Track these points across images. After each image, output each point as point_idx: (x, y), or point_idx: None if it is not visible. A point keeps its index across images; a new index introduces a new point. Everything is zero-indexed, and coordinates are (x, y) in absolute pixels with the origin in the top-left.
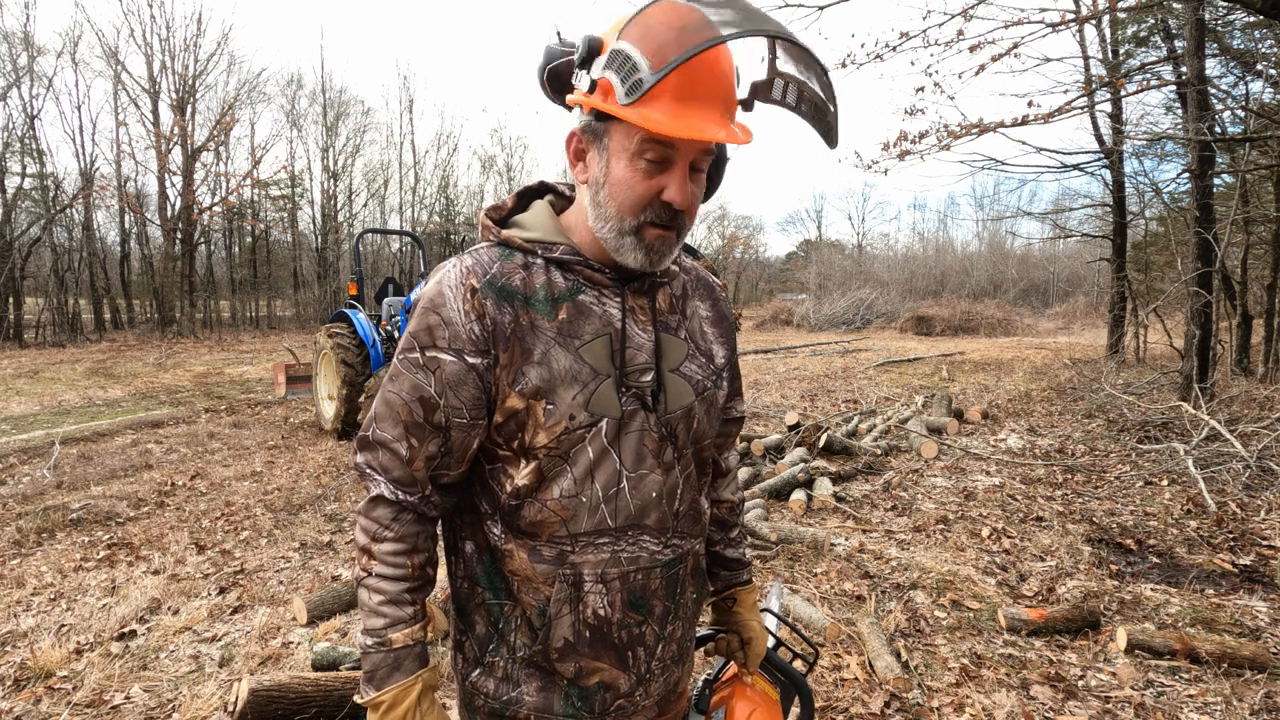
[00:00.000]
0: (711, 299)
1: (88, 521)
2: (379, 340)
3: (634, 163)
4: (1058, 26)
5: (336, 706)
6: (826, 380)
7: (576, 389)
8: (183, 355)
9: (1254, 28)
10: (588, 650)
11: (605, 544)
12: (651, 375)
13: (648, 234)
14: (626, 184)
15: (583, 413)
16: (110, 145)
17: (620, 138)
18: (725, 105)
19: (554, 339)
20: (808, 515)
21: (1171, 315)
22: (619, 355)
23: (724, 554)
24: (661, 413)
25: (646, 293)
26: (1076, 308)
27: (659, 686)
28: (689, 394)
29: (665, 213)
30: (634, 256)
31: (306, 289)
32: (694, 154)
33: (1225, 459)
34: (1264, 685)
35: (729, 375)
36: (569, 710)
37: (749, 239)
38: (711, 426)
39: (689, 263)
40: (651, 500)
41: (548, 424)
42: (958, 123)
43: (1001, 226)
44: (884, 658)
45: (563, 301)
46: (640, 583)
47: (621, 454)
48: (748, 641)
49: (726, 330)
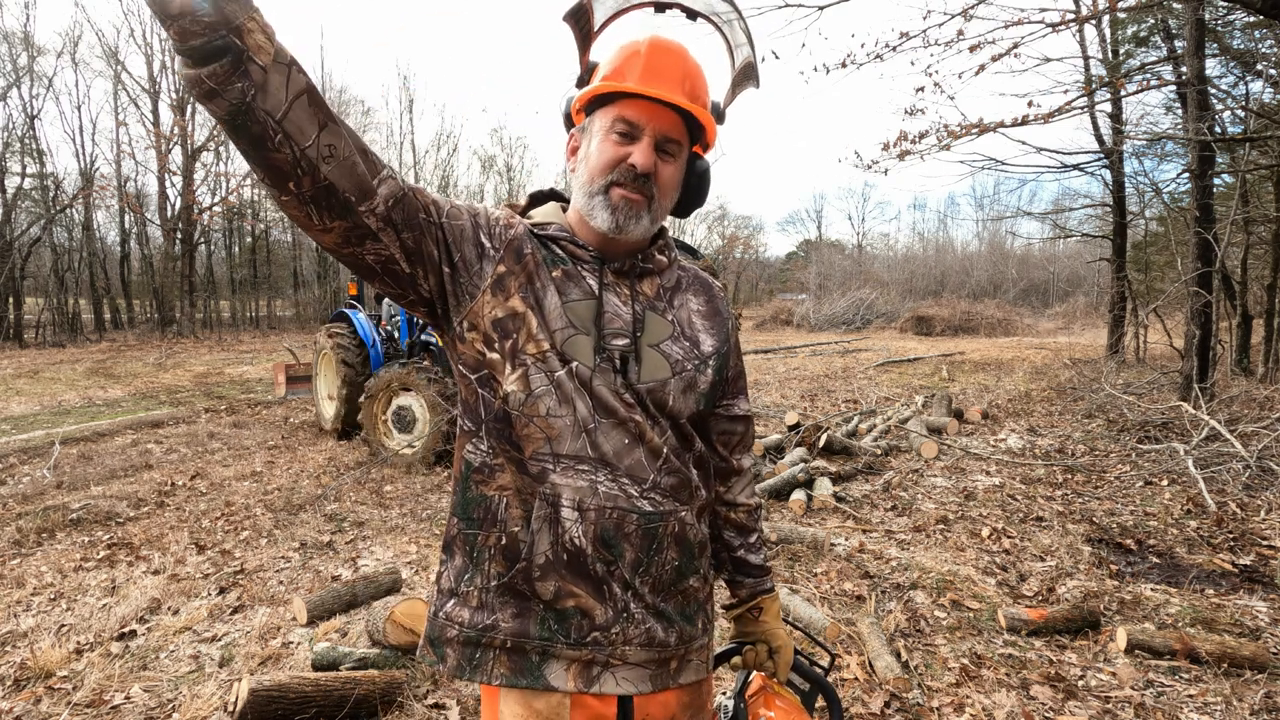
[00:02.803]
0: (707, 295)
1: (88, 521)
2: (379, 340)
3: (608, 137)
4: (1058, 26)
5: (336, 706)
6: (826, 380)
7: (559, 325)
8: (183, 355)
9: (1254, 28)
10: (565, 572)
11: (585, 471)
12: (627, 341)
13: (614, 194)
14: (599, 152)
15: (558, 347)
16: (110, 145)
17: (600, 121)
18: (687, 91)
19: (551, 283)
20: (808, 515)
21: (1171, 315)
22: (598, 319)
23: (747, 559)
24: (634, 380)
25: (628, 274)
26: (1076, 308)
27: (639, 634)
28: (665, 369)
29: (629, 174)
30: (602, 218)
31: (306, 289)
32: (659, 132)
33: (1225, 459)
34: (1264, 685)
35: (723, 369)
36: (545, 633)
37: (749, 239)
38: (688, 406)
39: (690, 265)
40: (624, 447)
41: (538, 335)
42: (958, 123)
43: (1001, 226)
44: (884, 658)
45: (560, 265)
46: (614, 521)
47: (593, 398)
48: (777, 650)
49: (720, 325)
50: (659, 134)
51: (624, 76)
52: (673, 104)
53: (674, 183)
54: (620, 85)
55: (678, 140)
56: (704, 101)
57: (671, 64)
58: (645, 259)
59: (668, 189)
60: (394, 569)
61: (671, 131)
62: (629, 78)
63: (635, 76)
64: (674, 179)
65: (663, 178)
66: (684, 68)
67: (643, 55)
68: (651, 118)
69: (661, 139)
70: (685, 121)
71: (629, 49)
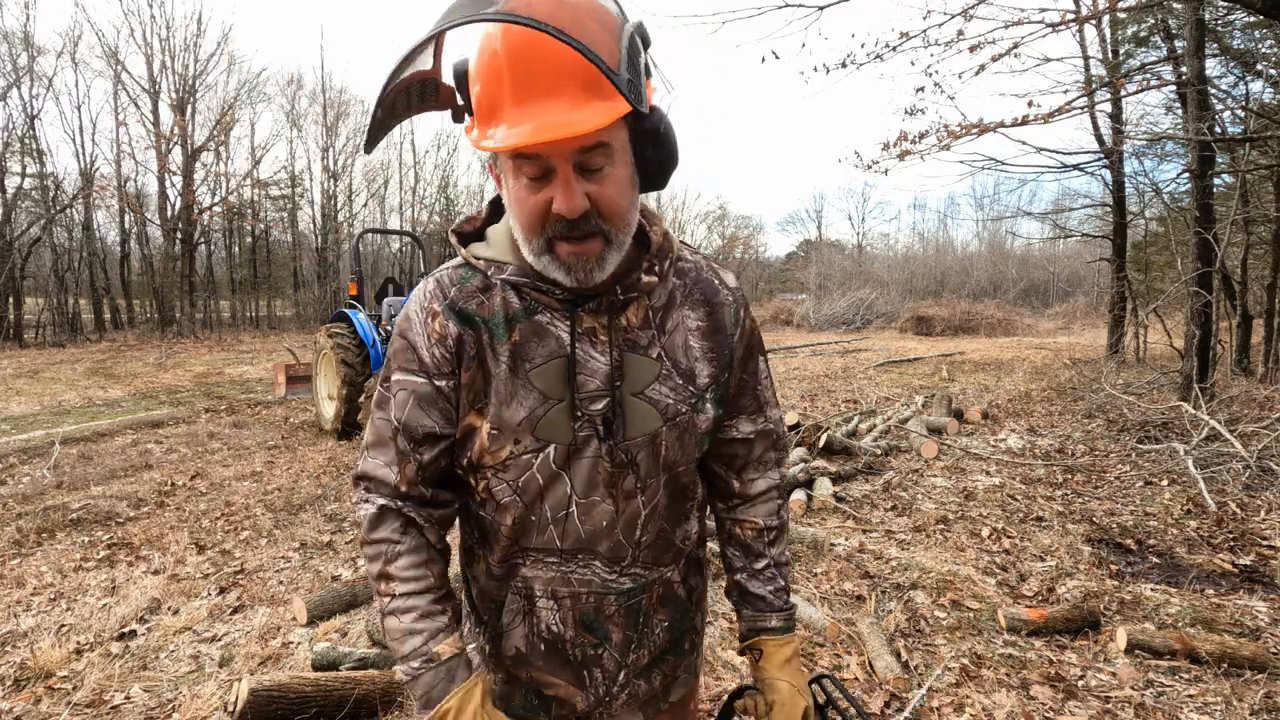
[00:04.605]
0: (709, 306)
1: (88, 521)
2: (379, 340)
3: (518, 179)
4: (1058, 26)
5: (336, 706)
6: (826, 380)
7: (523, 414)
8: (183, 355)
9: (1254, 28)
10: (541, 663)
11: (554, 563)
12: (606, 402)
13: (559, 251)
14: (519, 203)
15: (528, 437)
16: (110, 145)
17: (502, 156)
18: (579, 83)
19: (505, 362)
20: (808, 515)
21: (1171, 315)
22: (571, 380)
23: (747, 587)
24: (620, 440)
25: (608, 310)
26: (1076, 308)
27: (626, 696)
28: (654, 419)
29: (562, 225)
30: (560, 275)
31: (306, 289)
32: (568, 155)
33: (1225, 459)
34: (1264, 685)
35: (724, 399)
36: (527, 707)
37: (749, 239)
38: (686, 453)
39: (693, 263)
40: (602, 529)
41: (493, 447)
42: (958, 123)
43: (1001, 226)
44: (884, 658)
45: (517, 323)
46: (592, 605)
47: (573, 479)
48: (771, 706)
49: (721, 343)
50: (574, 156)
51: (496, 110)
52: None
53: (622, 189)
54: (495, 146)
55: (602, 141)
56: (608, 54)
57: (542, 56)
58: (627, 288)
59: (619, 205)
60: None
61: (587, 139)
62: (501, 114)
63: (508, 108)
64: (620, 186)
65: (605, 200)
66: (557, 46)
67: (504, 68)
68: (553, 143)
69: (580, 160)
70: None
71: (487, 63)
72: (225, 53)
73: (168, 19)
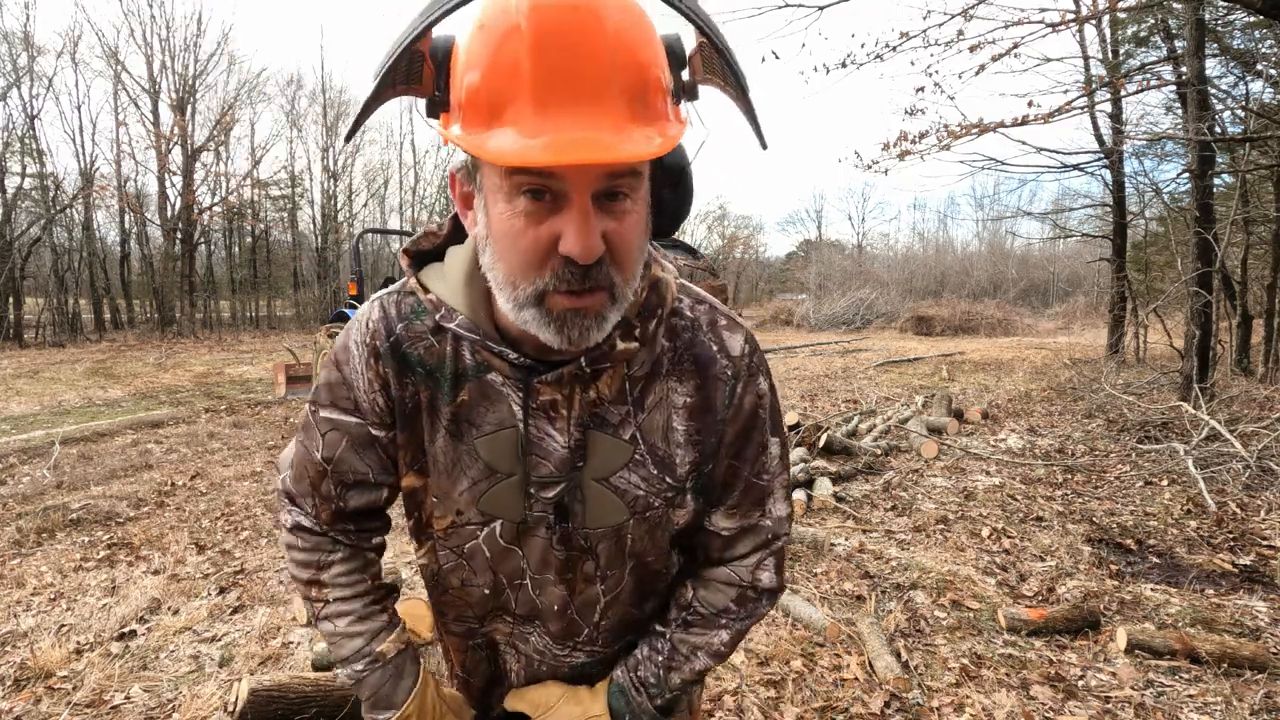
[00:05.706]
0: (701, 378)
1: (88, 521)
2: None
3: (512, 203)
4: (1058, 26)
5: (336, 706)
6: (826, 380)
7: (465, 484)
8: (183, 355)
9: (1254, 28)
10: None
11: (510, 622)
12: (560, 489)
13: (554, 304)
14: (509, 237)
15: (472, 509)
16: (110, 145)
17: (490, 171)
18: (627, 95)
19: (445, 427)
20: (807, 515)
21: (1171, 315)
22: (524, 455)
23: (639, 648)
24: (578, 528)
25: (571, 382)
26: (1076, 308)
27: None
28: (619, 512)
29: (570, 272)
30: (546, 335)
31: (306, 289)
32: (591, 183)
33: (1225, 459)
34: (1264, 685)
35: (704, 484)
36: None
37: (749, 239)
38: (657, 545)
39: (690, 321)
40: (553, 612)
41: (437, 514)
42: (958, 123)
43: (1001, 226)
44: (884, 658)
45: (465, 381)
46: (546, 671)
47: (525, 552)
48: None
49: (710, 425)
50: (600, 183)
51: (501, 108)
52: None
53: (640, 232)
54: (501, 157)
55: (636, 169)
56: (658, 83)
57: (588, 48)
58: (599, 359)
59: (634, 251)
60: (394, 569)
61: (608, 170)
62: (508, 115)
63: (522, 108)
64: (639, 228)
65: (622, 244)
66: (620, 51)
67: (525, 54)
68: (583, 165)
69: (604, 187)
70: None
71: (498, 44)
72: (225, 53)
73: (168, 19)
